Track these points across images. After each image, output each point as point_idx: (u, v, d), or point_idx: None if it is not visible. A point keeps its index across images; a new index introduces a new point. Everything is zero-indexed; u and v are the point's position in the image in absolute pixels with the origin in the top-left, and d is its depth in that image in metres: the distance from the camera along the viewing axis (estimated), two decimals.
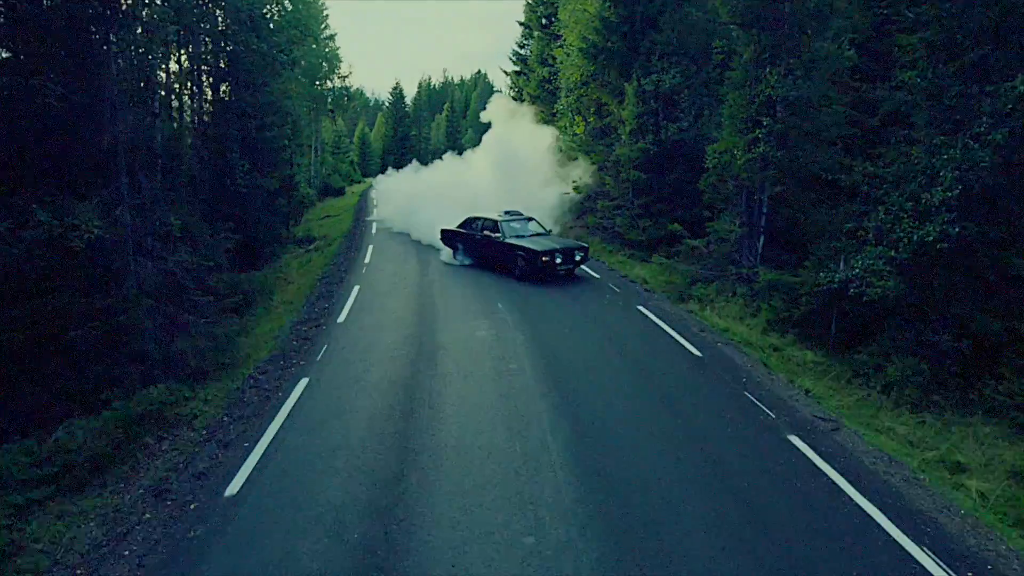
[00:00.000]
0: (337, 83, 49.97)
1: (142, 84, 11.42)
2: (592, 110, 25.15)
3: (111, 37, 9.87)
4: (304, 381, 9.10)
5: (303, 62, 43.00)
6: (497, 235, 15.66)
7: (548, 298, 13.62)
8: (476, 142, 78.69)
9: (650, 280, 16.73)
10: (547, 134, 23.69)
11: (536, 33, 34.43)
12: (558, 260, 14.89)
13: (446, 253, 18.06)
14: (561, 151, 23.41)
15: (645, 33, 20.50)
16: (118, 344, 9.78)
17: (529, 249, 14.72)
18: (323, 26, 46.26)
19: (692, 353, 10.38)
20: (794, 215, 14.16)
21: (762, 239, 14.66)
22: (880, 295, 10.45)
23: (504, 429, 7.51)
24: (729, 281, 14.69)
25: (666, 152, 19.74)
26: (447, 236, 17.88)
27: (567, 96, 27.58)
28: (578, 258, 15.56)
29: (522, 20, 38.57)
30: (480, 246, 16.43)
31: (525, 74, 36.07)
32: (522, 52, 39.45)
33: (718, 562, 5.21)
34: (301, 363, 9.89)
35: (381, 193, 34.11)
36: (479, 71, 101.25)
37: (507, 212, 16.72)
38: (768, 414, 8.11)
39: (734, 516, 5.83)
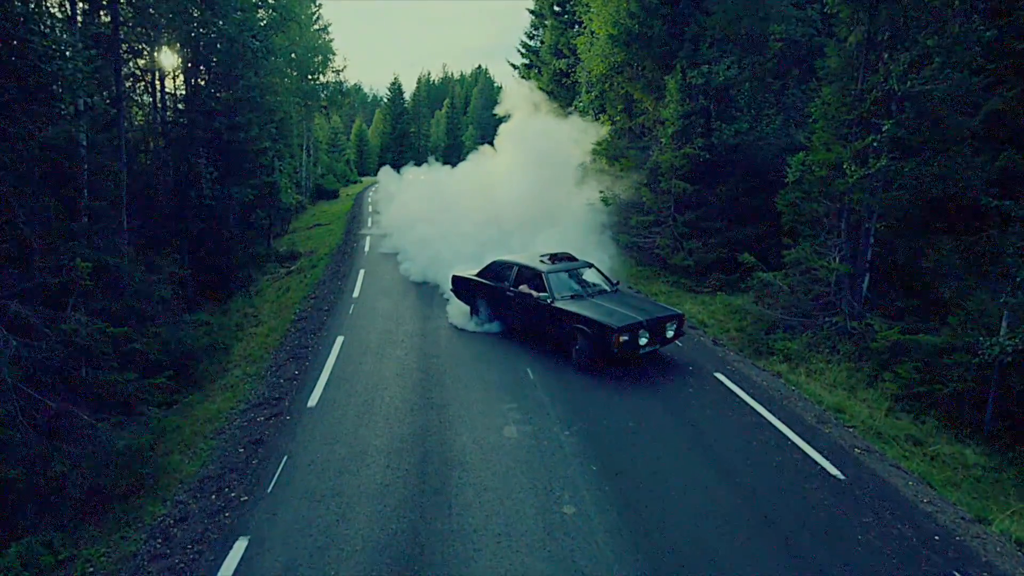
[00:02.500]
0: (331, 77, 46.46)
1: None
2: (620, 108, 21.70)
3: None
4: (239, 545, 5.69)
5: (293, 55, 39.63)
6: (542, 295, 10.11)
7: None
8: (478, 139, 75.54)
9: (709, 322, 13.35)
10: (578, 130, 19.97)
11: (549, 21, 30.95)
12: (642, 340, 9.39)
13: (456, 310, 12.41)
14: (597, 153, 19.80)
15: (691, 16, 17.07)
16: None
17: (596, 322, 9.23)
18: (314, 16, 42.70)
19: (827, 472, 6.98)
20: (914, 248, 10.77)
21: (867, 278, 11.27)
22: None
23: None
24: (824, 332, 11.30)
25: (719, 159, 16.35)
26: (461, 287, 12.17)
27: (588, 92, 24.15)
28: (670, 333, 10.06)
29: (531, 7, 35.13)
30: (513, 308, 10.91)
31: (536, 67, 32.58)
32: (532, 43, 35.98)
33: None
34: (243, 498, 6.47)
35: (382, 198, 27.80)
36: (479, 66, 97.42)
37: (551, 256, 11.05)
38: None
39: None
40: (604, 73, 20.92)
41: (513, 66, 36.55)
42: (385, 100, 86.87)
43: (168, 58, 20.45)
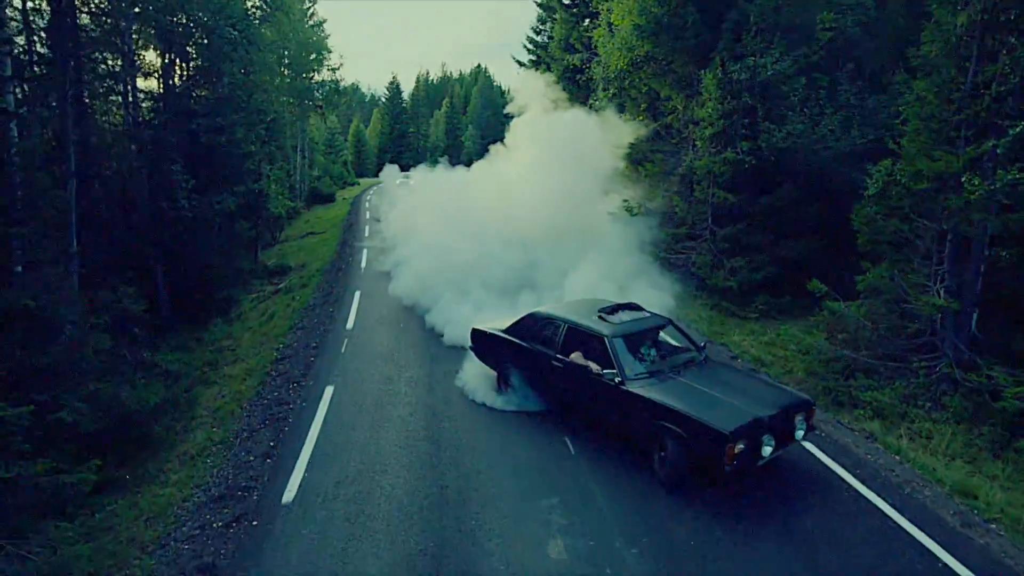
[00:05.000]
0: (326, 76, 44.32)
1: None
2: (643, 107, 19.64)
3: None
4: None
5: (285, 52, 37.62)
6: (607, 372, 6.95)
7: None
8: (478, 139, 73.38)
9: (768, 360, 11.31)
10: (611, 128, 17.72)
11: (559, 14, 28.88)
12: (766, 448, 6.24)
13: (475, 375, 9.21)
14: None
15: (730, 1, 14.98)
16: None
17: (697, 422, 6.14)
18: (308, 11, 40.55)
19: None
20: None
21: (975, 315, 9.21)
22: None
23: None
24: (920, 380, 9.23)
25: (765, 165, 14.25)
26: (485, 347, 9.00)
27: (605, 90, 22.06)
28: (799, 432, 6.74)
29: (539, 0, 33.01)
30: (563, 385, 7.80)
31: (545, 63, 30.48)
32: (539, 38, 33.90)
33: None
34: None
35: (384, 203, 23.73)
36: (479, 65, 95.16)
37: (612, 308, 7.93)
38: None
39: None
40: (624, 68, 18.80)
41: (519, 63, 34.53)
42: (383, 100, 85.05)
43: (143, 53, 18.44)
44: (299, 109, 42.18)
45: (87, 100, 15.79)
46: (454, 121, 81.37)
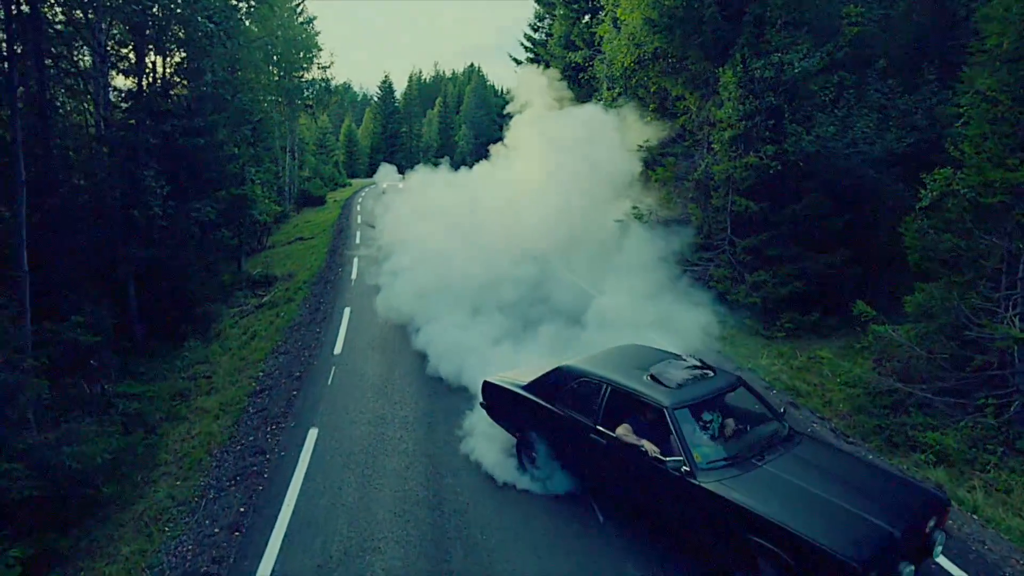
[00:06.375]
0: (316, 74, 43.05)
1: None
2: (652, 107, 18.47)
3: None
4: None
5: (272, 49, 36.33)
6: (673, 461, 4.98)
7: None
8: (471, 139, 72.09)
9: (804, 390, 10.17)
10: (627, 127, 16.54)
11: (559, 10, 27.71)
12: (905, 574, 4.29)
13: (485, 436, 7.37)
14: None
15: None
16: None
17: (808, 543, 4.24)
18: (298, 8, 39.20)
19: None
20: None
21: None
22: None
23: None
24: (989, 419, 8.10)
25: (794, 170, 13.09)
26: (500, 405, 7.07)
27: (610, 89, 20.90)
28: (938, 548, 4.79)
29: None
30: (605, 464, 5.83)
31: (544, 61, 29.30)
32: (536, 35, 32.73)
33: None
34: None
35: (378, 207, 21.64)
36: (472, 64, 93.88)
37: (670, 362, 6.01)
38: None
39: None
40: (630, 66, 17.62)
41: (517, 61, 33.35)
42: (375, 99, 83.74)
43: (119, 48, 17.13)
44: (288, 109, 40.91)
45: (55, 100, 14.57)
46: (447, 121, 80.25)
